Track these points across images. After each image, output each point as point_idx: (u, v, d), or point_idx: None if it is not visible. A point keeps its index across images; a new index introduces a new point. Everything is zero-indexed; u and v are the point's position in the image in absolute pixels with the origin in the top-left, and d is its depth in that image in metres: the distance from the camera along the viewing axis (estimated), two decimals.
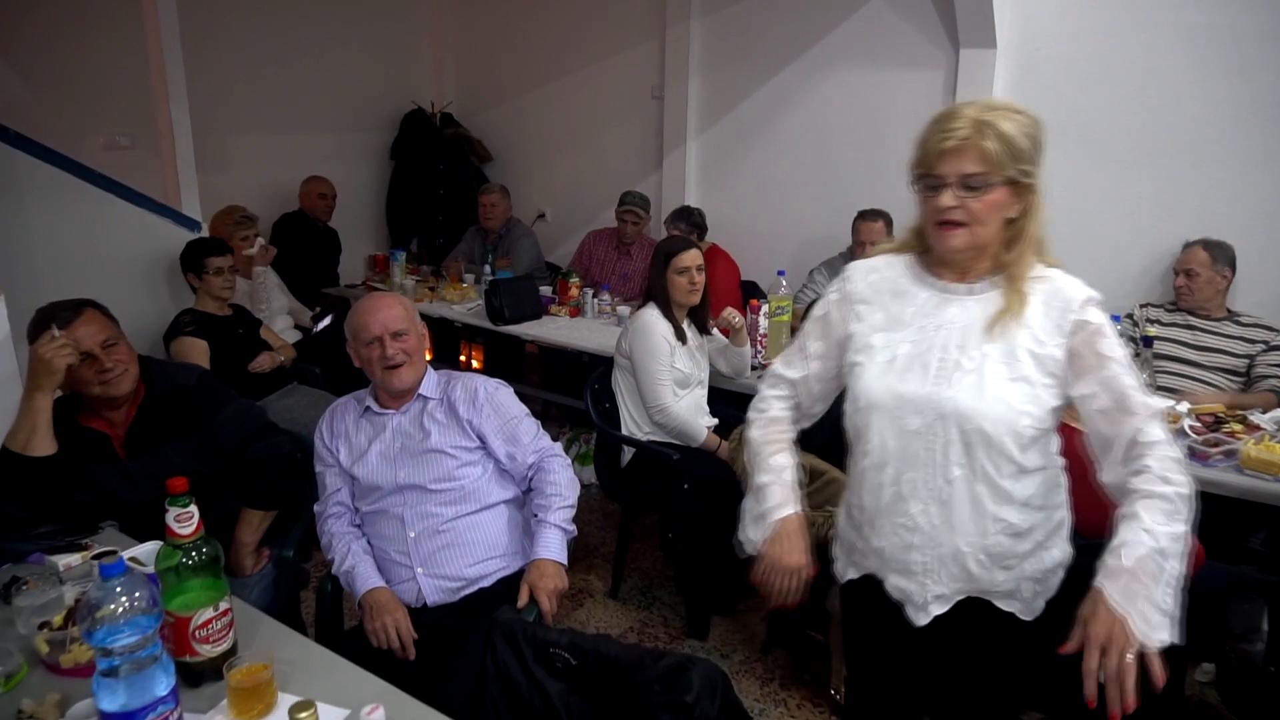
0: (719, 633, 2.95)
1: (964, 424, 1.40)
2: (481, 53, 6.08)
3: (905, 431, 1.46)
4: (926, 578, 1.50)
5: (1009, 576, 1.48)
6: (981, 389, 1.40)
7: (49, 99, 4.22)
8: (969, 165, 1.35)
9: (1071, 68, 3.70)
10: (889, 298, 1.52)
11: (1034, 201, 1.40)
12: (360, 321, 2.02)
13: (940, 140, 1.36)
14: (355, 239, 5.59)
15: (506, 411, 2.11)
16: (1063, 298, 1.41)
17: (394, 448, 2.05)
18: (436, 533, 1.99)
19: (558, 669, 1.54)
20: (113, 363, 2.00)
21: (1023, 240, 1.41)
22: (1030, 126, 1.38)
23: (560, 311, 4.28)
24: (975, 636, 1.54)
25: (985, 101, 1.39)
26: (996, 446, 1.40)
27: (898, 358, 1.47)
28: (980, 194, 1.36)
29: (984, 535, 1.45)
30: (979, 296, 1.44)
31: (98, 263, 3.38)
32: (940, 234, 1.41)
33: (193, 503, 1.40)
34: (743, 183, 4.88)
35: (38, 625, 1.54)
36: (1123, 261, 3.69)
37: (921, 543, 1.48)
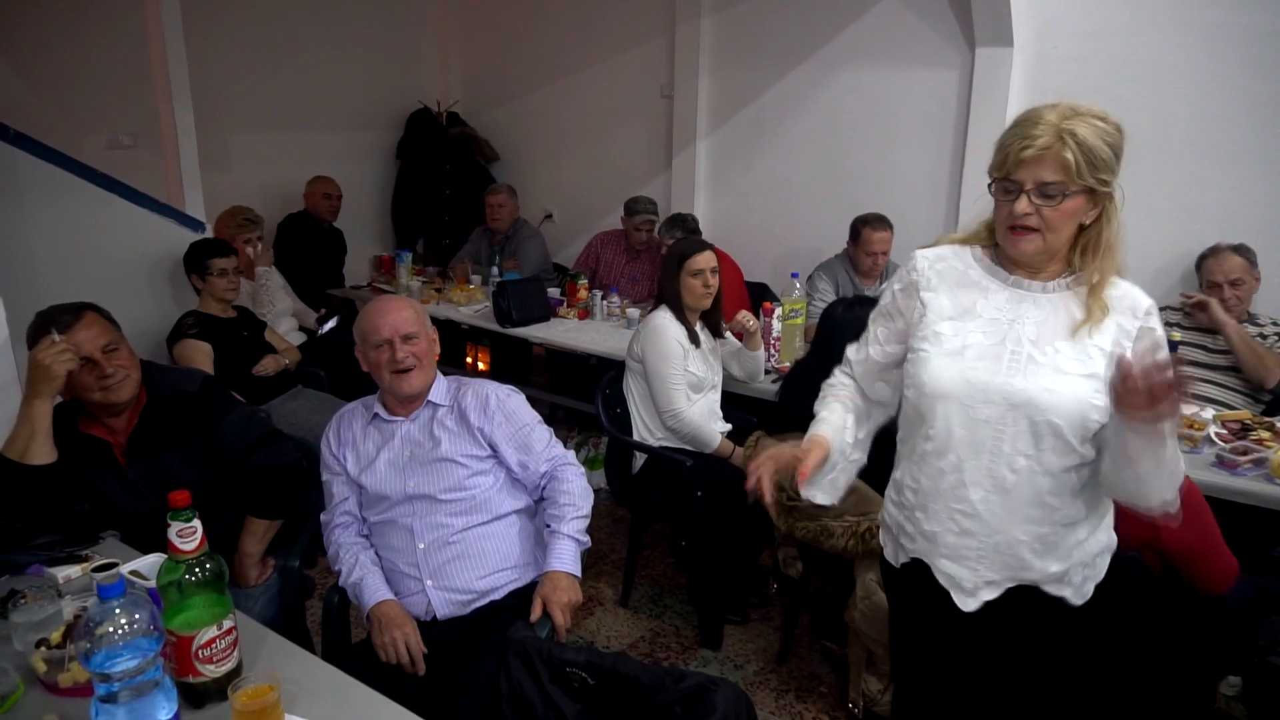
0: (732, 643, 2.90)
1: (1035, 415, 1.42)
2: (488, 51, 6.03)
3: (974, 420, 1.47)
4: (979, 564, 1.51)
5: (1060, 563, 1.50)
6: (1056, 382, 1.42)
7: (50, 98, 4.17)
8: (1047, 174, 1.35)
9: (1090, 67, 3.64)
10: (957, 287, 1.52)
11: (1111, 209, 1.41)
12: (369, 324, 1.97)
13: (1020, 147, 1.36)
14: (360, 240, 5.54)
15: (518, 419, 2.05)
16: (1131, 303, 1.44)
17: (403, 456, 1.99)
18: (446, 544, 1.94)
19: (574, 689, 1.48)
20: (113, 368, 1.96)
21: (1100, 248, 1.42)
22: (1112, 134, 1.38)
23: (569, 314, 4.22)
24: (1025, 623, 1.54)
25: (1069, 105, 1.39)
26: (1064, 438, 1.42)
27: (969, 347, 1.48)
28: (1056, 203, 1.36)
29: (1041, 524, 1.47)
30: (1052, 295, 1.46)
31: (99, 264, 3.33)
32: (1013, 238, 1.42)
33: (195, 517, 1.34)
34: (753, 183, 4.82)
35: (35, 642, 1.48)
36: (1141, 262, 3.61)
37: (978, 529, 1.50)
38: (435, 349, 2.05)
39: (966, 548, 1.51)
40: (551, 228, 5.71)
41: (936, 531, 1.54)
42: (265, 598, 2.12)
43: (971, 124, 3.95)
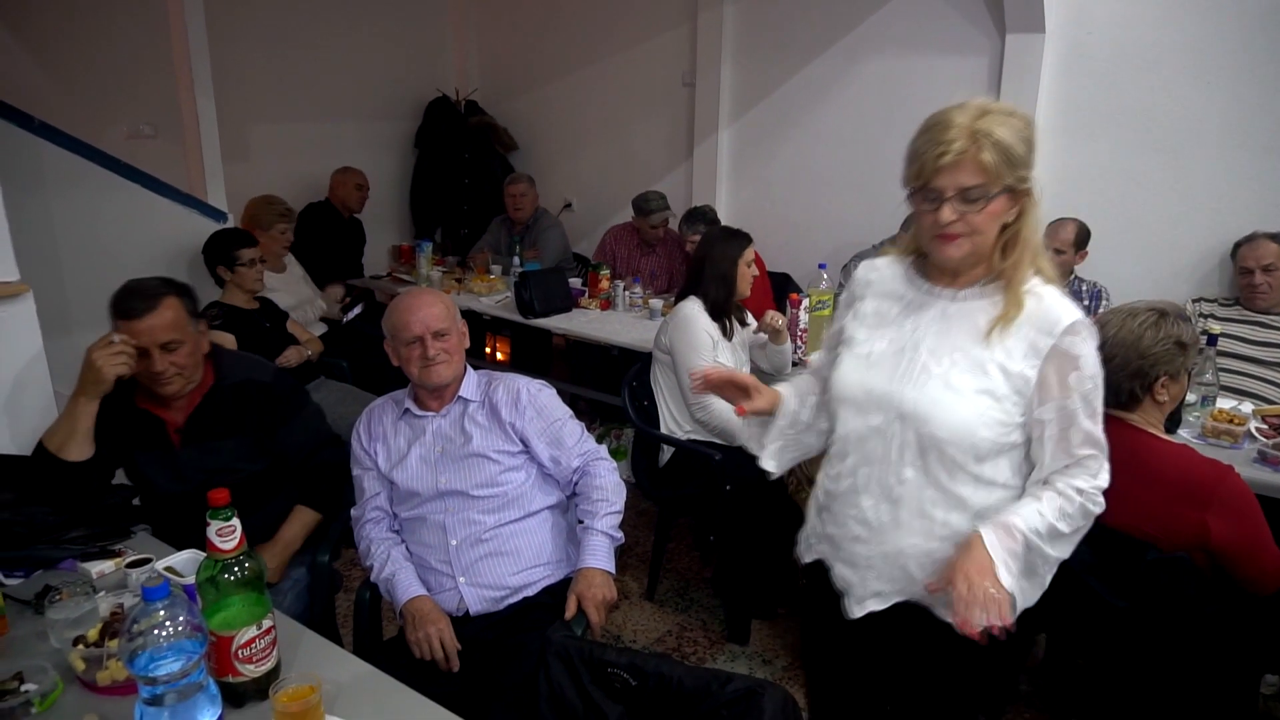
0: (760, 637, 2.87)
1: (920, 427, 1.41)
2: (507, 38, 5.97)
3: (867, 425, 1.48)
4: (868, 572, 1.51)
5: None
6: (943, 395, 1.39)
7: (73, 89, 4.16)
8: (966, 179, 1.31)
9: (1125, 53, 3.56)
10: (882, 296, 1.53)
11: (1029, 206, 1.37)
12: (400, 320, 1.94)
13: (937, 154, 1.31)
14: (379, 229, 5.51)
15: (550, 414, 2.03)
16: (1049, 320, 1.37)
17: (434, 452, 1.97)
18: (479, 541, 1.91)
19: (616, 690, 1.45)
20: (164, 366, 1.93)
21: (1019, 246, 1.38)
22: (1025, 129, 1.34)
23: (591, 304, 4.19)
24: (910, 640, 1.53)
25: (977, 106, 1.34)
26: (950, 454, 1.40)
27: (873, 353, 1.49)
28: (979, 206, 1.33)
29: (928, 539, 1.45)
30: (960, 303, 1.43)
31: (122, 253, 3.32)
32: (940, 245, 1.38)
33: (235, 515, 1.32)
34: (777, 173, 4.76)
35: (72, 640, 1.47)
36: (1176, 254, 3.56)
37: (868, 536, 1.50)
38: (465, 342, 2.03)
39: (858, 554, 1.52)
40: (571, 217, 5.67)
41: (834, 534, 1.56)
42: (294, 593, 2.11)
43: None
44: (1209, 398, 2.62)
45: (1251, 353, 3.06)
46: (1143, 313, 1.85)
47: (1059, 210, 3.70)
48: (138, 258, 3.37)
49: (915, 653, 1.56)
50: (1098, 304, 3.48)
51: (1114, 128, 3.63)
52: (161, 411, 2.01)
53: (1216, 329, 3.02)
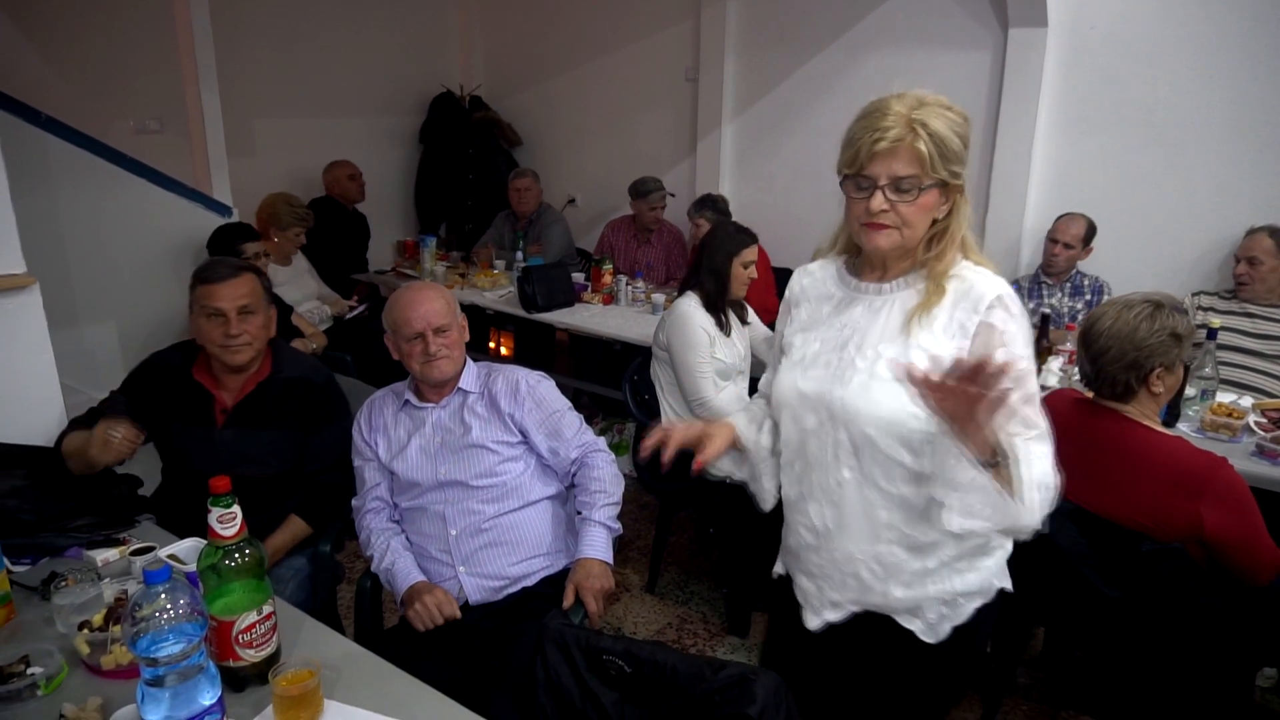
0: (760, 630, 2.89)
1: (850, 424, 1.37)
2: (511, 34, 5.99)
3: (804, 429, 1.45)
4: (824, 581, 1.48)
5: (909, 594, 1.41)
6: (869, 389, 1.35)
7: (80, 83, 4.20)
8: (900, 167, 1.29)
9: (1128, 47, 3.56)
10: (815, 300, 1.51)
11: (960, 201, 1.36)
12: (401, 316, 1.96)
13: (873, 140, 1.28)
14: (384, 224, 5.54)
15: (549, 405, 2.05)
16: (972, 297, 1.33)
17: (434, 443, 1.99)
18: (479, 531, 1.94)
19: (611, 677, 1.47)
20: (239, 330, 1.98)
21: (945, 239, 1.36)
22: (960, 125, 1.32)
23: (593, 299, 4.21)
24: (871, 651, 1.48)
25: (915, 96, 1.31)
26: (883, 449, 1.36)
27: (806, 356, 1.46)
28: (912, 197, 1.30)
29: (875, 542, 1.41)
30: (886, 296, 1.40)
31: (128, 247, 3.35)
32: (868, 233, 1.34)
33: (235, 503, 1.34)
34: (780, 169, 4.77)
35: (77, 625, 1.49)
36: (1179, 248, 3.56)
37: (818, 544, 1.47)
38: (465, 335, 2.05)
39: (813, 563, 1.49)
40: (574, 212, 5.68)
41: (791, 544, 1.55)
42: (295, 582, 2.13)
43: (1003, 108, 3.88)
44: (1208, 391, 2.62)
45: (1252, 346, 3.06)
46: (1138, 304, 1.86)
47: (1060, 205, 3.70)
48: (143, 251, 3.40)
49: (874, 664, 1.50)
50: (1099, 298, 3.48)
51: (1116, 122, 3.64)
52: (214, 388, 2.06)
53: (1217, 323, 3.02)
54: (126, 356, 3.35)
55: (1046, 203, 3.87)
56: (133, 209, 3.34)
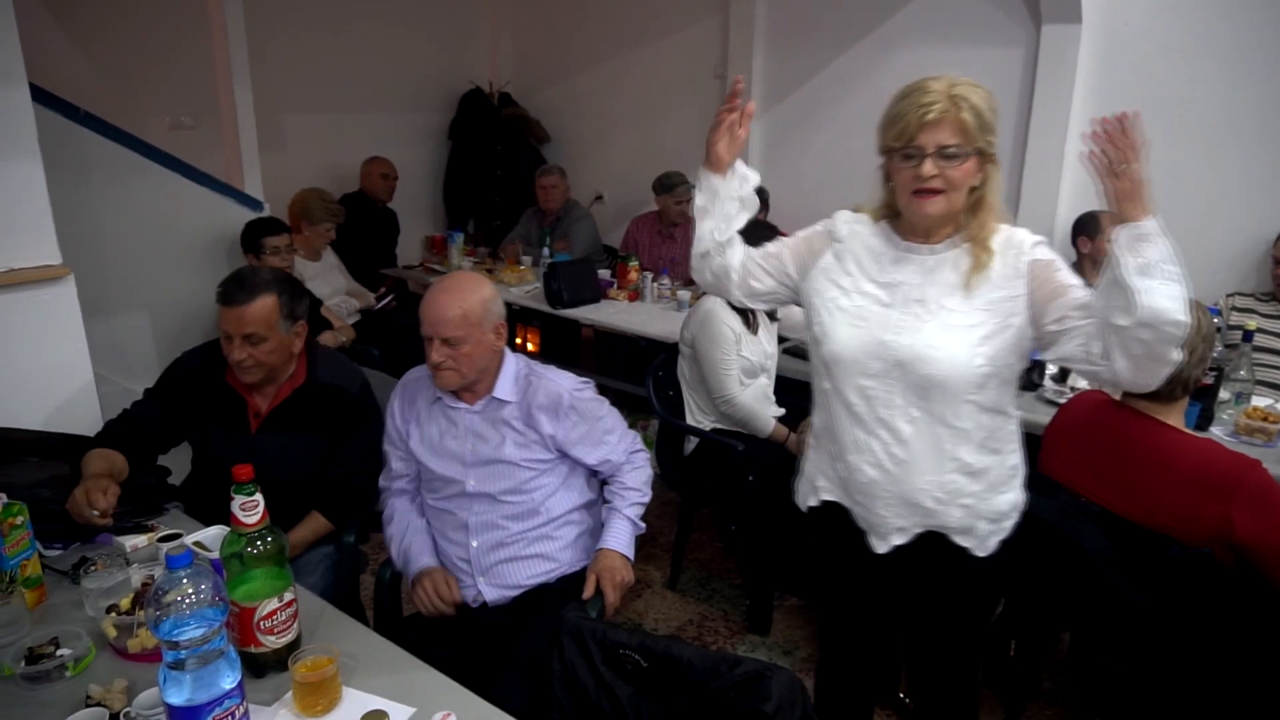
0: (781, 628, 2.88)
1: (919, 369, 1.51)
2: (540, 31, 6.01)
3: (867, 376, 1.57)
4: (887, 510, 1.61)
5: (964, 514, 1.58)
6: (938, 338, 1.50)
7: (117, 80, 4.27)
8: (946, 137, 1.43)
9: (1163, 43, 3.50)
10: (863, 249, 1.62)
11: (992, 169, 1.50)
12: (422, 311, 1.86)
13: (921, 113, 1.43)
14: (413, 220, 5.59)
15: (592, 415, 1.95)
16: (1014, 242, 1.52)
17: (465, 448, 1.92)
18: (501, 545, 1.91)
19: (627, 671, 1.48)
20: (242, 355, 1.96)
21: (984, 208, 1.51)
22: (991, 100, 1.47)
23: (619, 295, 4.21)
24: (932, 567, 1.63)
25: (948, 77, 1.46)
26: (951, 390, 1.51)
27: (861, 308, 1.58)
28: (958, 163, 1.44)
29: (940, 473, 1.56)
30: (939, 256, 1.54)
31: (162, 241, 3.41)
32: (918, 201, 1.49)
33: (258, 490, 1.36)
34: (808, 166, 4.75)
35: (105, 608, 1.53)
36: (1213, 248, 3.49)
37: (883, 479, 1.59)
38: (496, 341, 1.89)
39: (876, 495, 1.61)
40: (601, 209, 5.69)
41: (848, 479, 1.65)
42: (320, 570, 2.15)
43: (1036, 106, 3.83)
44: (1244, 394, 2.57)
45: None
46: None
47: (1093, 204, 3.64)
48: (176, 244, 3.46)
49: (931, 580, 1.65)
50: None
51: (1150, 119, 3.46)
52: (248, 395, 2.06)
53: (1253, 324, 2.96)
54: (159, 348, 3.41)
55: (1080, 201, 3.81)
56: (166, 203, 3.40)
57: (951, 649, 1.75)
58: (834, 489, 1.70)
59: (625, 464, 2.01)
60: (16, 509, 1.60)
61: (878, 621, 1.81)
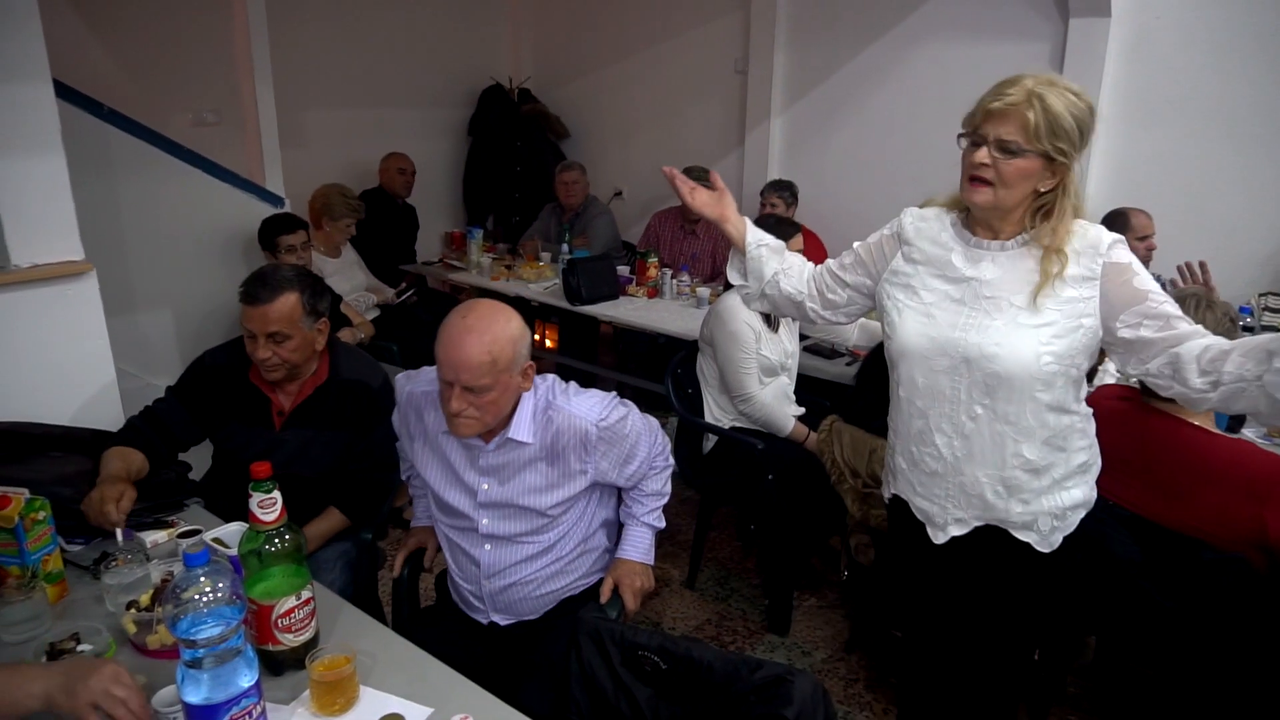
0: (801, 629, 2.85)
1: (986, 367, 1.52)
2: (560, 26, 6.00)
3: (933, 371, 1.59)
4: (947, 502, 1.64)
5: (1026, 509, 1.59)
6: (1006, 336, 1.51)
7: (141, 77, 4.30)
8: (1007, 131, 1.43)
9: (1193, 37, 3.43)
10: (931, 246, 1.63)
11: (1069, 180, 1.48)
12: (440, 350, 1.62)
13: (991, 100, 1.45)
14: (432, 216, 5.59)
15: (619, 437, 1.78)
16: (1090, 242, 1.49)
17: (480, 486, 1.76)
18: (513, 585, 1.81)
19: (646, 673, 1.46)
20: (268, 354, 1.96)
21: (1056, 215, 1.49)
22: (1081, 110, 1.44)
23: (638, 292, 4.19)
24: (991, 561, 1.66)
25: (1049, 77, 1.45)
26: (1018, 388, 1.52)
27: (932, 304, 1.60)
28: (1011, 159, 1.43)
29: (1002, 468, 1.57)
30: (1010, 253, 1.54)
31: (184, 236, 3.43)
32: (969, 188, 1.50)
33: (276, 488, 1.36)
34: (830, 162, 4.71)
35: (125, 604, 1.53)
36: (1246, 247, 3.42)
37: (944, 471, 1.63)
38: (523, 386, 1.70)
39: (936, 487, 1.65)
40: (621, 205, 5.68)
41: (909, 470, 1.70)
42: (339, 567, 2.15)
43: None
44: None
45: None
46: (1189, 297, 1.83)
47: (1119, 200, 3.58)
48: (198, 241, 3.48)
49: (993, 573, 1.68)
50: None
51: (1180, 115, 3.51)
52: (271, 392, 2.07)
53: None
54: (181, 343, 3.43)
55: (1105, 198, 3.75)
56: (188, 199, 3.42)
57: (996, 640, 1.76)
58: (899, 482, 1.75)
59: (649, 473, 1.91)
60: (39, 504, 1.61)
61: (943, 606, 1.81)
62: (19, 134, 2.06)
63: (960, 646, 1.82)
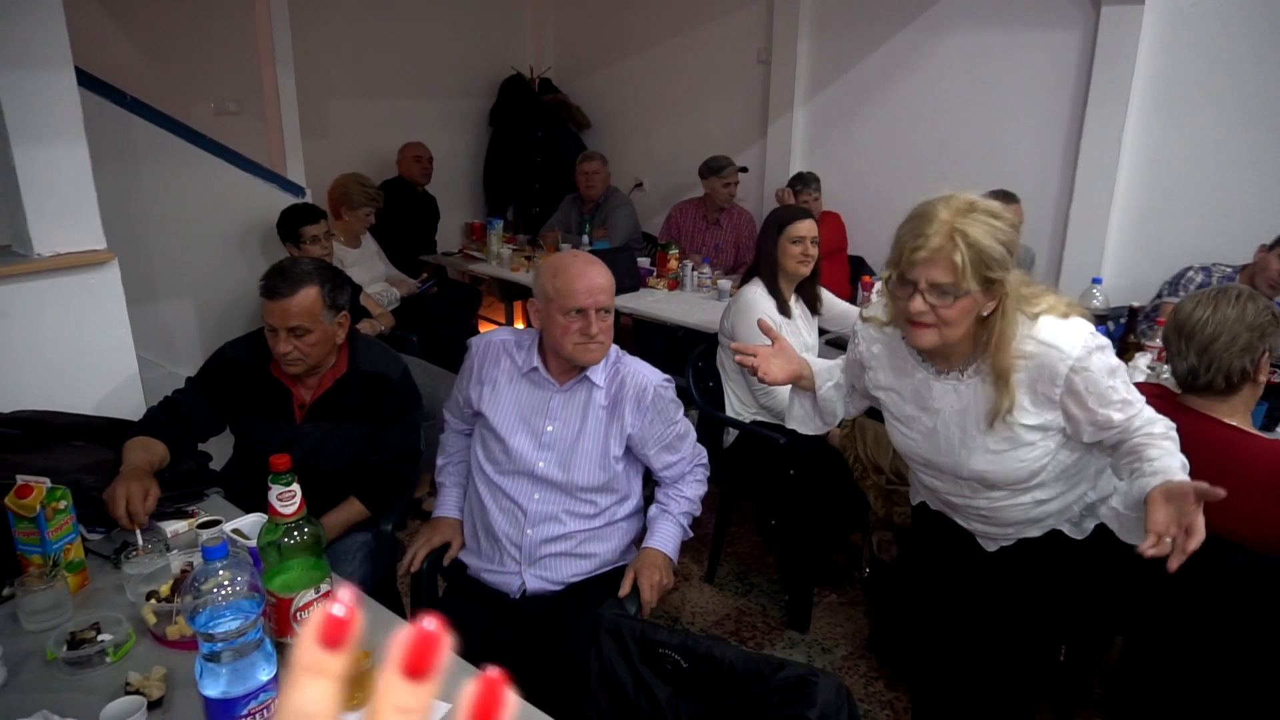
0: (820, 625, 2.83)
1: (982, 480, 1.58)
2: (581, 16, 5.96)
3: (935, 477, 1.68)
4: (987, 525, 1.70)
5: (1057, 518, 1.66)
6: (989, 461, 1.54)
7: (164, 66, 4.31)
8: (938, 275, 1.38)
9: (1231, 25, 3.34)
10: (890, 371, 1.66)
11: (1007, 303, 1.43)
12: (567, 285, 1.76)
13: (913, 248, 1.39)
14: (453, 206, 5.59)
15: (669, 416, 1.91)
16: (1047, 375, 1.45)
17: (545, 429, 1.88)
18: (555, 539, 1.88)
19: (667, 671, 1.44)
20: (288, 348, 1.95)
21: (997, 337, 1.45)
22: (1005, 232, 1.39)
23: (658, 284, 4.16)
24: (1033, 557, 1.70)
25: (965, 202, 1.39)
26: (1018, 488, 1.58)
27: (913, 429, 1.64)
28: (949, 301, 1.39)
29: (1027, 513, 1.63)
30: (967, 382, 1.53)
31: (205, 226, 3.44)
32: (912, 331, 1.47)
33: (295, 481, 1.34)
34: (853, 153, 4.65)
35: (145, 595, 1.53)
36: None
37: (977, 518, 1.70)
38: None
39: (974, 523, 1.72)
40: (641, 196, 5.64)
41: (947, 499, 1.72)
42: (358, 559, 2.15)
43: (1092, 92, 3.69)
44: None
45: None
46: (1230, 291, 1.77)
47: (1152, 194, 3.52)
48: (219, 230, 3.49)
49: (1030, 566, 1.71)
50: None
51: (1214, 104, 3.43)
52: (292, 385, 2.07)
53: None
54: (203, 333, 3.45)
55: (1137, 192, 3.68)
56: (210, 189, 3.42)
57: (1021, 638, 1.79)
58: (938, 505, 1.79)
59: (689, 474, 1.99)
60: (60, 493, 1.61)
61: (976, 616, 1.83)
62: (42, 123, 2.06)
63: (983, 645, 1.81)
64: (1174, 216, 3.60)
